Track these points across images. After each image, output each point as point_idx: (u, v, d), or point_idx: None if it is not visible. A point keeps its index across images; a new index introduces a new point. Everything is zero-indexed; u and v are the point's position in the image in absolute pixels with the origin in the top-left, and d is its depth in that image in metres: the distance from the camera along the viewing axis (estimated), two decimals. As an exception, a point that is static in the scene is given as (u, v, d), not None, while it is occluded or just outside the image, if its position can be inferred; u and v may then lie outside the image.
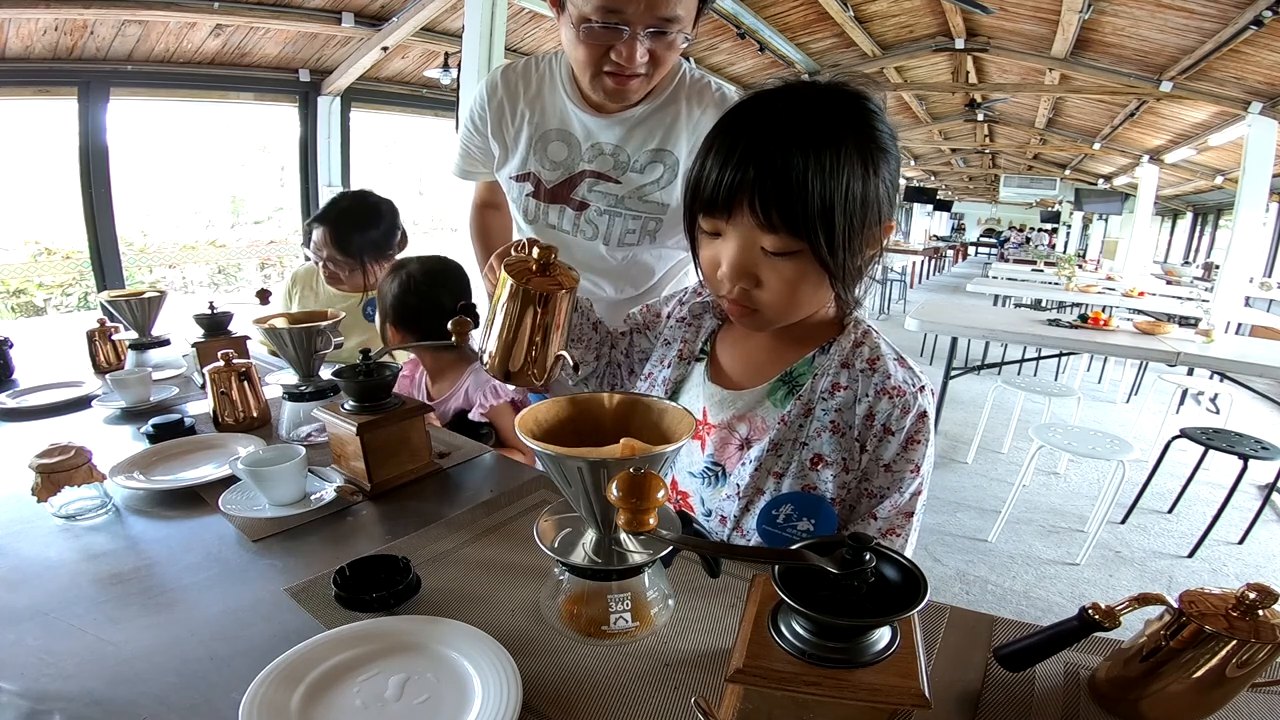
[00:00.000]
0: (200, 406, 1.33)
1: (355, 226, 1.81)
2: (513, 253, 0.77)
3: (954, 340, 3.69)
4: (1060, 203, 15.36)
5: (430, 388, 1.49)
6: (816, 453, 0.74)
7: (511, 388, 1.44)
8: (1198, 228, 12.23)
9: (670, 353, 0.89)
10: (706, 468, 0.81)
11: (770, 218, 0.64)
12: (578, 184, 1.20)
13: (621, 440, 0.62)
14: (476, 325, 1.13)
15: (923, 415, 0.72)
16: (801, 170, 0.63)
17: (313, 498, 0.93)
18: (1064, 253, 13.20)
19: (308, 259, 1.91)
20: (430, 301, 1.39)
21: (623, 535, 0.67)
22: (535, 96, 1.19)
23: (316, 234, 1.82)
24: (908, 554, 0.74)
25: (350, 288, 1.88)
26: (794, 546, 0.48)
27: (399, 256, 1.86)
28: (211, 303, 1.52)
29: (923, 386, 0.74)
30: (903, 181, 15.20)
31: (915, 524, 0.75)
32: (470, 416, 1.38)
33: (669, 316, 0.94)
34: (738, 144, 0.66)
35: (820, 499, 0.74)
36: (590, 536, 0.69)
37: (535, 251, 0.73)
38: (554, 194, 1.22)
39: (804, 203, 0.63)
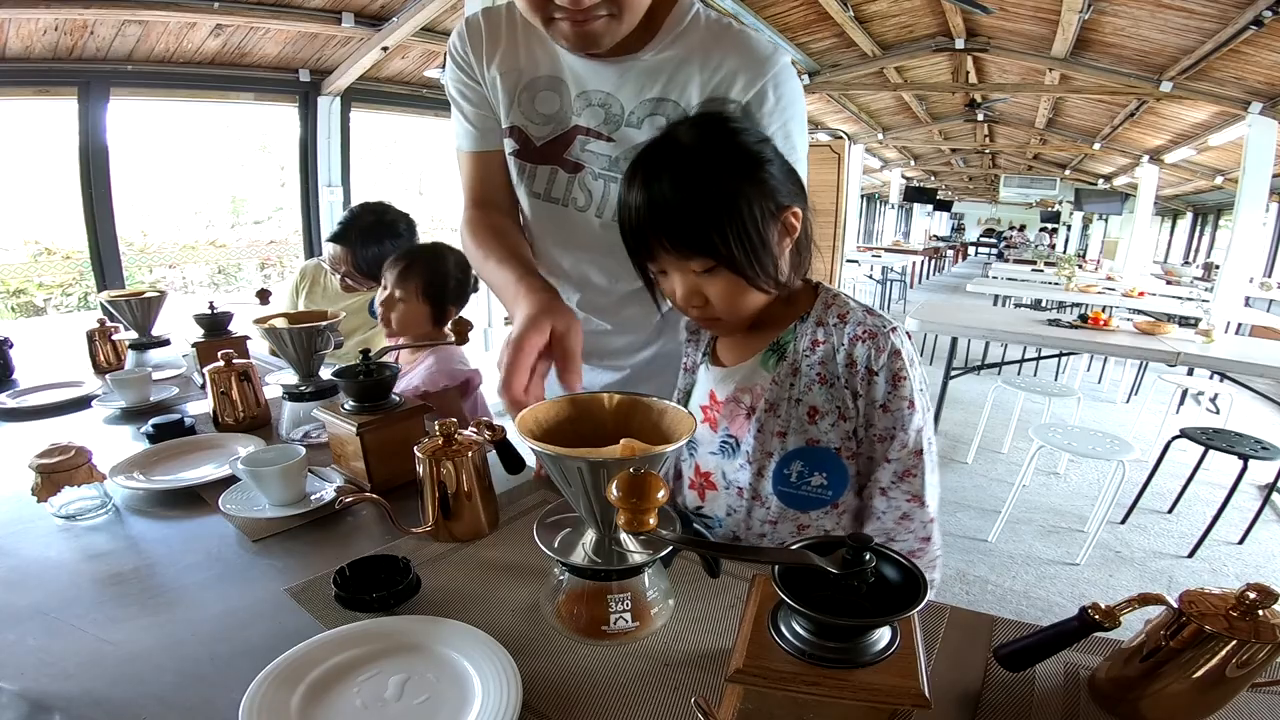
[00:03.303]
0: (200, 406, 1.33)
1: (376, 245, 1.81)
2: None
3: (954, 340, 3.70)
4: (1060, 203, 15.37)
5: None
6: (811, 405, 0.82)
7: (470, 368, 1.47)
8: (1198, 228, 12.23)
9: (680, 370, 0.98)
10: (722, 441, 0.88)
11: (680, 250, 0.76)
12: (570, 142, 1.01)
13: (621, 441, 0.62)
14: (472, 326, 1.13)
15: (896, 352, 0.79)
16: (680, 204, 0.74)
17: (313, 498, 0.93)
18: (1064, 253, 13.20)
19: (315, 256, 1.92)
20: (467, 274, 1.52)
21: (622, 535, 0.67)
22: (523, 37, 0.99)
23: (335, 250, 1.83)
24: (929, 495, 0.81)
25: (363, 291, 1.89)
26: (793, 546, 0.48)
27: None
28: (211, 303, 1.52)
29: (895, 328, 0.81)
30: (902, 181, 15.20)
31: (929, 462, 0.81)
32: (407, 386, 1.43)
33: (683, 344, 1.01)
34: (630, 204, 0.78)
35: (826, 450, 0.82)
36: (590, 536, 0.69)
37: (437, 427, 0.87)
38: (545, 153, 1.03)
39: (695, 228, 0.74)
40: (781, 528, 0.87)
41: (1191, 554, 2.71)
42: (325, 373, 1.23)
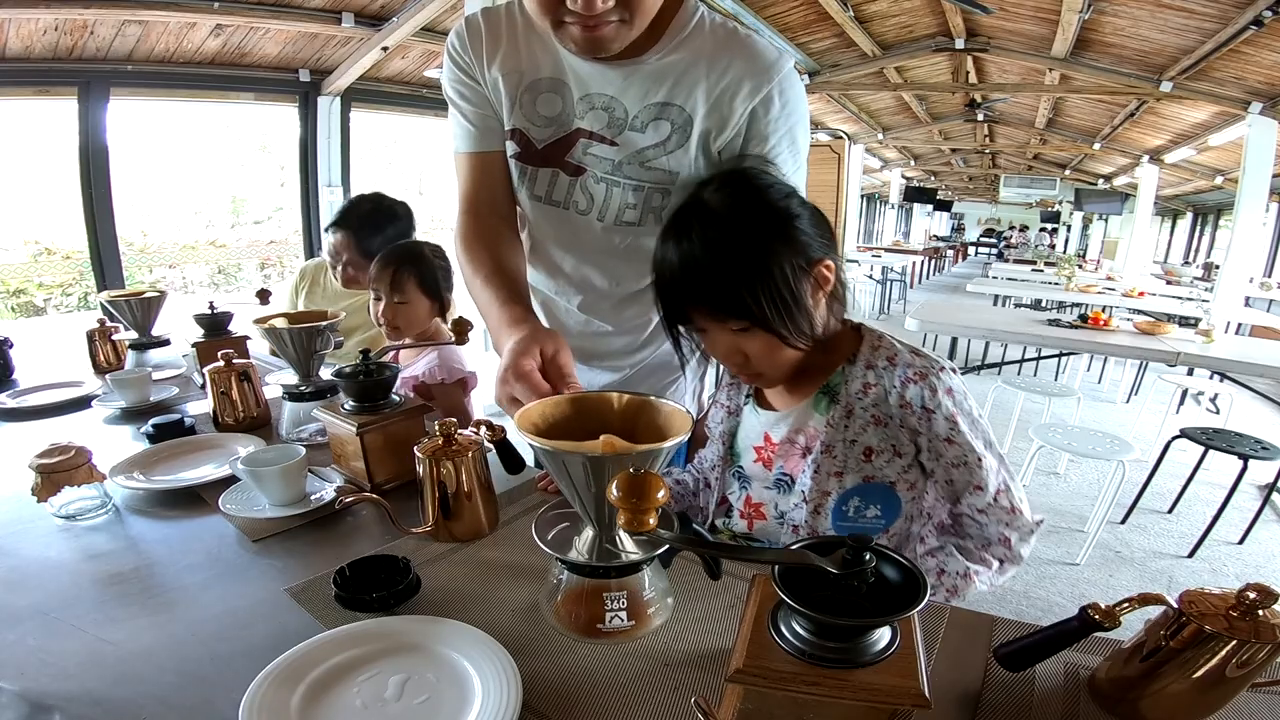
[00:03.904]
0: (200, 406, 1.33)
1: (376, 230, 1.83)
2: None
3: (954, 340, 3.71)
4: (1060, 203, 15.36)
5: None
6: (867, 445, 0.84)
7: (468, 369, 1.48)
8: (1198, 228, 12.23)
9: (722, 412, 1.00)
10: (777, 479, 0.91)
11: (716, 314, 0.79)
12: (572, 145, 1.00)
13: (601, 437, 0.62)
14: (472, 326, 1.13)
15: (949, 390, 0.82)
16: (712, 268, 0.77)
17: (313, 498, 0.93)
18: (1064, 253, 13.20)
19: (316, 256, 1.91)
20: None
21: (620, 534, 0.67)
22: (524, 38, 0.97)
23: (336, 238, 1.82)
24: (1020, 502, 0.84)
25: (363, 286, 1.88)
26: (794, 546, 0.48)
27: None
28: (211, 303, 1.52)
29: (942, 367, 0.83)
30: (902, 181, 15.18)
31: (1006, 470, 0.85)
32: (409, 373, 1.44)
33: (719, 386, 1.03)
34: (664, 269, 0.81)
35: (880, 485, 0.86)
36: (588, 534, 0.69)
37: (437, 427, 0.87)
38: (546, 156, 1.02)
39: (729, 292, 0.76)
40: None
41: (1191, 554, 2.71)
42: (325, 373, 1.23)
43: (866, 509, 0.86)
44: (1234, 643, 0.52)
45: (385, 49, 4.03)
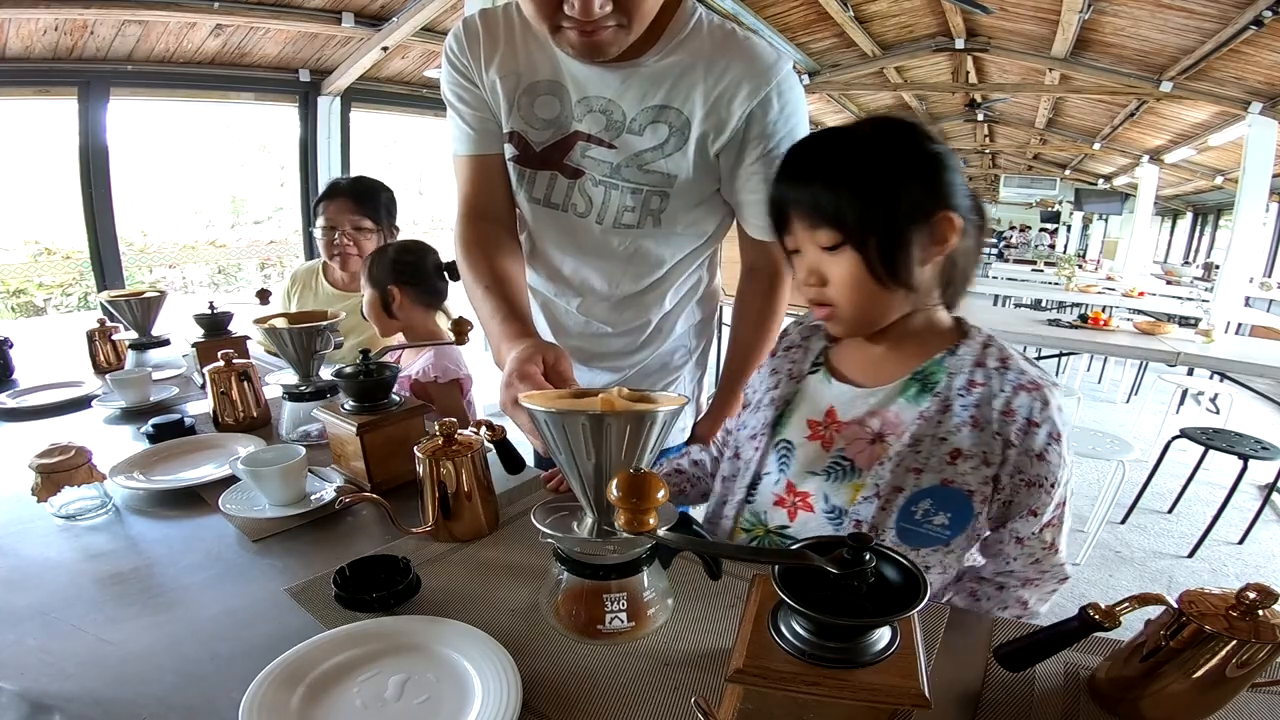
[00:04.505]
0: (200, 406, 1.33)
1: (368, 191, 1.84)
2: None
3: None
4: (1060, 203, 15.35)
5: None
6: (956, 447, 0.75)
7: (464, 371, 1.48)
8: (1198, 228, 12.22)
9: (777, 377, 0.90)
10: (834, 462, 0.81)
11: (810, 216, 0.73)
12: (571, 147, 1.00)
13: (600, 395, 0.62)
14: (472, 326, 1.13)
15: (1059, 407, 0.76)
16: (823, 165, 0.72)
17: (313, 498, 0.93)
18: (1064, 253, 13.20)
19: (314, 235, 1.89)
20: (421, 257, 1.52)
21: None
22: (522, 40, 0.97)
23: (331, 209, 1.79)
24: (1063, 543, 0.79)
25: (352, 281, 1.88)
26: (795, 546, 0.48)
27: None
28: (211, 303, 1.52)
29: (1055, 383, 0.77)
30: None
31: (1068, 511, 0.79)
32: (408, 373, 1.45)
33: (775, 353, 0.95)
34: (784, 168, 0.77)
35: (958, 492, 0.76)
36: (587, 521, 0.69)
37: (437, 427, 0.87)
38: (544, 158, 1.01)
39: (828, 191, 0.71)
40: None
41: (1191, 554, 2.71)
42: (325, 373, 1.23)
43: (935, 514, 0.77)
44: (1234, 643, 0.52)
45: (385, 49, 4.03)
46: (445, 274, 1.52)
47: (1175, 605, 0.55)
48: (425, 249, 1.57)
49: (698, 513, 1.00)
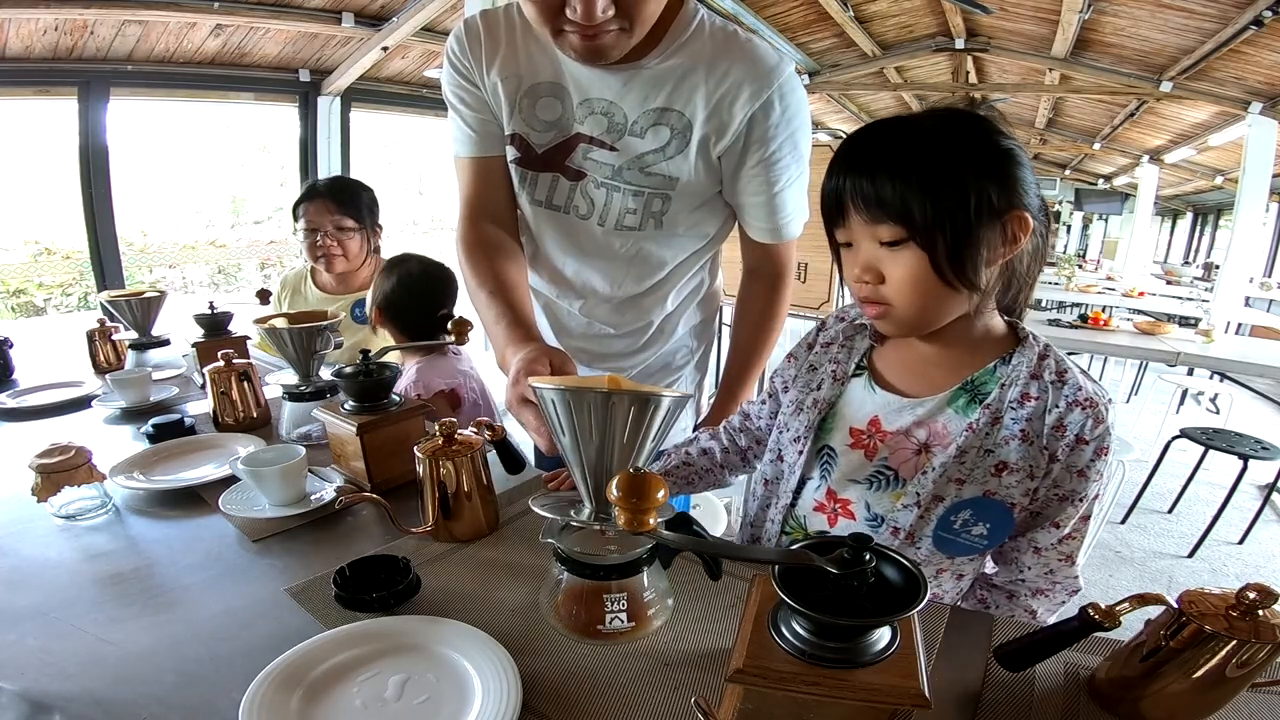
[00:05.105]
0: (200, 406, 1.33)
1: (348, 190, 1.81)
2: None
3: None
4: (1060, 203, 15.35)
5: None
6: (1002, 460, 0.72)
7: (455, 380, 1.45)
8: (1198, 228, 12.22)
9: (820, 376, 0.86)
10: (876, 472, 0.79)
11: (871, 209, 0.67)
12: (572, 149, 0.99)
13: (606, 377, 0.63)
14: (472, 327, 1.13)
15: (1110, 427, 0.73)
16: (888, 157, 0.66)
17: (313, 498, 0.93)
18: (1064, 253, 13.20)
19: (302, 230, 1.86)
20: (423, 303, 1.46)
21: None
22: (523, 42, 0.96)
23: (311, 211, 1.75)
24: (1081, 557, 0.77)
25: (340, 284, 1.86)
26: (795, 547, 0.48)
27: (402, 252, 1.83)
28: (211, 303, 1.52)
29: (1110, 400, 0.74)
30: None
31: (1090, 527, 0.77)
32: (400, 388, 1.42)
33: (813, 346, 0.90)
34: (842, 157, 0.70)
35: (1000, 504, 0.73)
36: (585, 511, 0.69)
37: (437, 427, 0.87)
38: (546, 160, 1.01)
39: (895, 187, 0.66)
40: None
41: (1191, 554, 2.71)
42: (325, 373, 1.23)
43: (975, 524, 0.74)
44: (1234, 643, 0.52)
45: (385, 49, 4.03)
46: (448, 327, 1.38)
47: (1175, 605, 0.55)
48: (432, 292, 1.47)
49: (736, 516, 0.99)
